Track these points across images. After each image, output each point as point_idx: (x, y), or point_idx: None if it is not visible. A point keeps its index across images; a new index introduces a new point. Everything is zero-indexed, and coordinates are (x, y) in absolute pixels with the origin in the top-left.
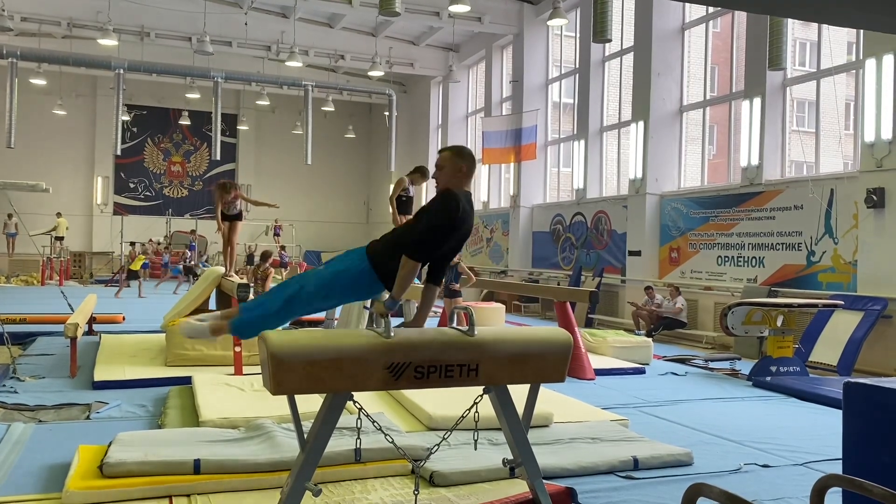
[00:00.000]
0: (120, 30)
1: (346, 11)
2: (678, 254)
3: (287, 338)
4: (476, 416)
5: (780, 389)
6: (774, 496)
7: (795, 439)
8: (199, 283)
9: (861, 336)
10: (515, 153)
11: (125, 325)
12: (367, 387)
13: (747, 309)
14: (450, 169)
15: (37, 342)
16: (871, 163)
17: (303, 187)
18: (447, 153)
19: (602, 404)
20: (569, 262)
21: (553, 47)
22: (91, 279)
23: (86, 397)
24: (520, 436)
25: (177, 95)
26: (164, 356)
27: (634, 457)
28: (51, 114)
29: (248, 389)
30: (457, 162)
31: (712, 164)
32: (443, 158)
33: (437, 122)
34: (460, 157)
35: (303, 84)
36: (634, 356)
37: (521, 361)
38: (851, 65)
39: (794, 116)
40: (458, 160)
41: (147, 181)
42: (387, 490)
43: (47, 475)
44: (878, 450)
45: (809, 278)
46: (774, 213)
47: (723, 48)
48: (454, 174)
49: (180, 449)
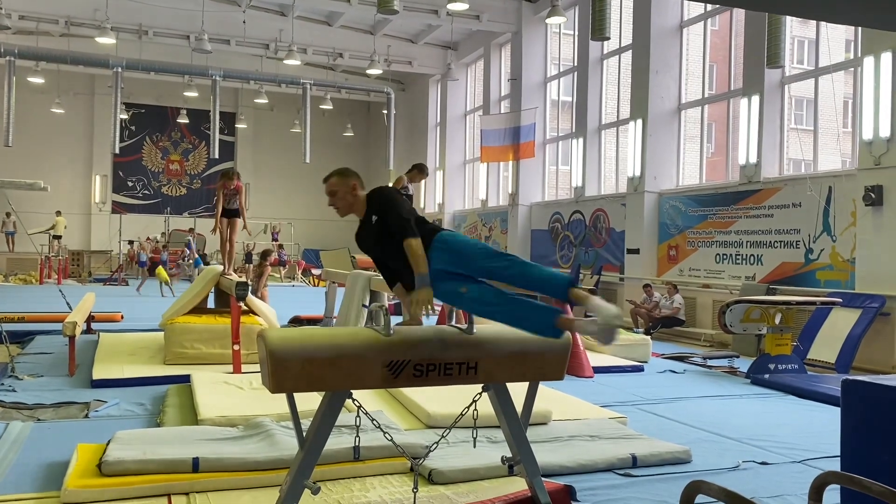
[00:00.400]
0: (118, 28)
1: (344, 9)
2: (677, 252)
3: (286, 336)
4: (475, 413)
5: (779, 387)
6: (773, 493)
7: (794, 437)
8: (198, 281)
9: (859, 333)
10: (514, 151)
11: (124, 324)
12: (366, 385)
13: (745, 307)
14: (345, 189)
15: (35, 341)
16: (869, 160)
17: (301, 185)
18: (333, 178)
19: (601, 402)
20: (567, 261)
21: (551, 45)
22: (90, 278)
23: (84, 396)
24: (519, 434)
25: (175, 94)
26: (162, 354)
27: (633, 454)
28: (49, 112)
29: (247, 388)
30: (348, 181)
31: (710, 161)
32: (331, 184)
33: (435, 121)
34: (347, 175)
35: (301, 82)
36: (633, 354)
37: (520, 359)
38: (850, 63)
39: (793, 114)
40: (347, 179)
41: (145, 180)
42: (386, 488)
43: (46, 474)
44: (876, 447)
45: (807, 276)
46: (773, 211)
47: (721, 46)
48: (352, 192)
49: (179, 447)
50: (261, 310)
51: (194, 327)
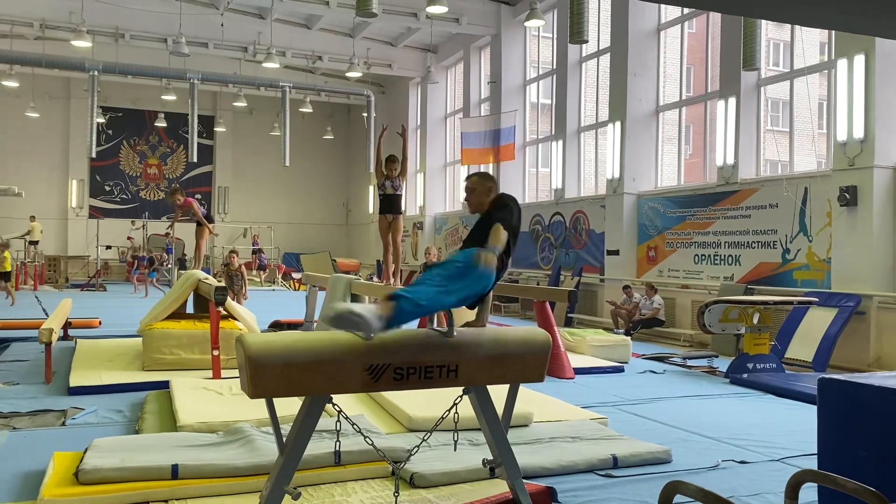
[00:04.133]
0: (94, 31)
1: (323, 12)
2: (656, 253)
3: (265, 340)
4: (456, 416)
5: (757, 386)
6: (752, 492)
7: (772, 435)
8: (177, 286)
9: (835, 332)
10: (494, 154)
11: (101, 330)
12: (346, 389)
13: (724, 307)
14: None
15: (11, 348)
16: (843, 161)
17: (281, 189)
18: (475, 177)
19: (581, 403)
20: (548, 262)
21: (530, 48)
22: (66, 283)
23: (61, 403)
24: (499, 436)
25: (152, 97)
26: (141, 360)
27: (614, 455)
28: (24, 116)
29: (227, 393)
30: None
31: (688, 163)
32: (472, 182)
33: (415, 123)
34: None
35: (280, 85)
36: (613, 355)
37: (500, 362)
38: (824, 65)
39: (769, 116)
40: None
41: (123, 184)
42: (367, 492)
43: (22, 483)
44: (852, 444)
45: (785, 276)
46: (750, 212)
47: (698, 49)
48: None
49: (158, 454)
50: (240, 314)
51: (173, 333)
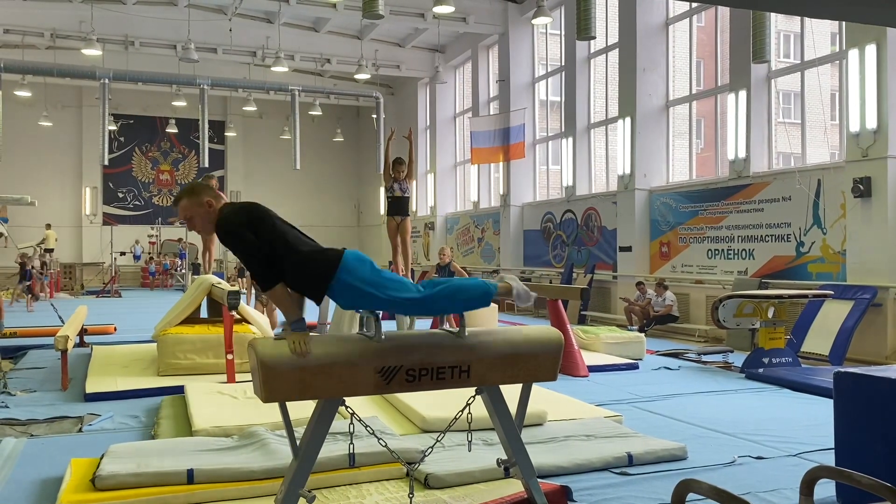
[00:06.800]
0: (104, 39)
1: (330, 15)
2: (668, 248)
3: (276, 344)
4: (469, 417)
5: (773, 381)
6: (769, 488)
7: (789, 430)
8: (190, 291)
9: (852, 325)
10: (504, 152)
11: (117, 336)
12: (359, 391)
13: (738, 301)
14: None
15: (28, 356)
16: (856, 152)
17: (292, 192)
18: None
19: (596, 401)
20: (560, 260)
21: (538, 46)
22: (82, 291)
23: (78, 410)
24: (513, 435)
25: (163, 104)
26: (156, 366)
27: (629, 453)
28: (36, 125)
29: (241, 397)
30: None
31: (700, 157)
32: (182, 208)
33: (425, 124)
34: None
35: (289, 89)
36: (627, 352)
37: (513, 361)
38: (835, 56)
39: (780, 108)
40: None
41: (136, 190)
42: (382, 494)
43: (39, 490)
44: (869, 438)
45: (799, 269)
46: (763, 205)
47: (707, 42)
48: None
49: (173, 459)
50: (253, 318)
51: (187, 338)
